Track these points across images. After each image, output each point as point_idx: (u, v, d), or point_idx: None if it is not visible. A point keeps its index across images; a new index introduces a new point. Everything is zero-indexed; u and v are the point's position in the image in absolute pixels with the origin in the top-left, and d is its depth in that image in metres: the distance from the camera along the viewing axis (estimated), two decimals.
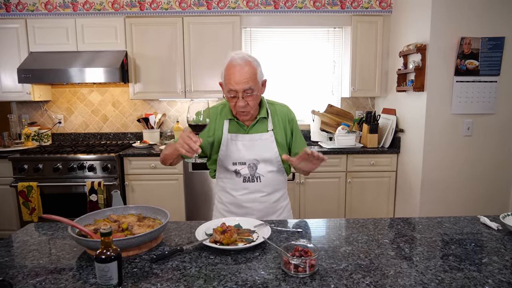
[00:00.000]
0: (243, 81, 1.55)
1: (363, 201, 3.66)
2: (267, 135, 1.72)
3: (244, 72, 1.56)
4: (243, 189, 1.73)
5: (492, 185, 3.19)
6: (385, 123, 3.73)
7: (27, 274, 1.15)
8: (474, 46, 2.97)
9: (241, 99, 1.58)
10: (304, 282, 1.07)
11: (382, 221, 1.60)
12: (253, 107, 1.63)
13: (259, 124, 1.73)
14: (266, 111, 1.74)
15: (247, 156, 1.70)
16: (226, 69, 1.60)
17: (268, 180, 1.72)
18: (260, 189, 1.72)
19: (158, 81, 3.77)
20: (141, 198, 3.56)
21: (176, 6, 3.75)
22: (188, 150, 1.41)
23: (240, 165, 1.71)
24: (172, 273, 1.13)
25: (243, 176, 1.71)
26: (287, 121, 1.78)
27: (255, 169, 1.71)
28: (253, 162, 1.70)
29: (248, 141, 1.71)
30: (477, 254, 1.26)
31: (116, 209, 1.52)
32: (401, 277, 1.10)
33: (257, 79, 1.60)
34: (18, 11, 3.72)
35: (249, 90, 1.57)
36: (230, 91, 1.59)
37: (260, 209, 1.73)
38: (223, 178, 1.77)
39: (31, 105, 4.17)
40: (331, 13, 3.81)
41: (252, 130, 1.72)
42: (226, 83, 1.61)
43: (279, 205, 1.80)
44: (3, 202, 3.58)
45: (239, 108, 1.61)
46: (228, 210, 1.78)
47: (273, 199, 1.76)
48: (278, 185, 1.78)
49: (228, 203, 1.77)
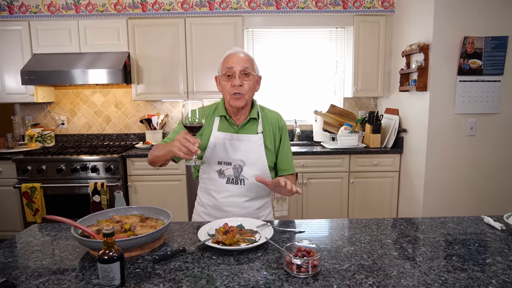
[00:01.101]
0: (242, 61, 1.61)
1: (366, 202, 3.65)
2: (256, 137, 1.69)
3: (243, 56, 1.64)
4: (226, 191, 1.68)
5: (495, 185, 3.17)
6: (388, 123, 3.72)
7: (30, 274, 1.15)
8: (477, 45, 2.95)
9: (238, 78, 1.60)
10: (307, 283, 1.06)
11: (385, 221, 1.59)
12: (248, 91, 1.63)
13: (249, 125, 1.71)
14: (257, 113, 1.73)
15: (233, 156, 1.67)
16: (225, 57, 1.67)
17: (252, 185, 1.68)
18: (243, 193, 1.69)
19: (161, 82, 3.77)
20: (143, 199, 3.57)
21: (178, 7, 3.76)
22: (187, 153, 1.37)
23: (225, 165, 1.67)
24: (175, 274, 1.13)
25: (227, 177, 1.68)
26: (277, 127, 1.76)
27: (240, 171, 1.67)
28: (239, 164, 1.67)
29: (236, 140, 1.68)
30: (481, 254, 1.25)
31: (118, 209, 1.52)
32: (404, 277, 1.09)
33: (254, 67, 1.66)
34: (21, 13, 3.74)
35: (246, 70, 1.61)
36: (227, 70, 1.61)
37: (241, 215, 1.66)
38: (205, 179, 1.73)
39: (34, 106, 4.18)
40: (333, 13, 3.80)
41: (241, 130, 1.70)
42: (224, 64, 1.64)
43: (261, 213, 1.76)
44: (7, 203, 3.60)
45: (234, 89, 1.60)
46: (207, 213, 1.74)
47: (255, 206, 1.72)
48: (262, 191, 1.73)
49: (209, 205, 1.73)
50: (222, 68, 1.65)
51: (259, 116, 1.74)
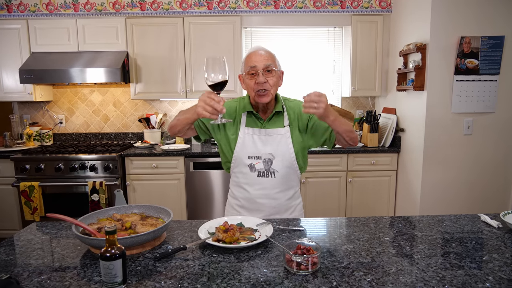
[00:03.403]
0: (264, 59, 1.64)
1: (364, 200, 3.67)
2: (283, 130, 1.73)
3: (265, 54, 1.67)
4: (257, 184, 1.72)
5: (492, 183, 3.20)
6: (386, 123, 3.74)
7: (32, 272, 1.16)
8: (474, 45, 2.98)
9: (261, 75, 1.62)
10: (307, 280, 1.08)
11: (383, 219, 1.61)
12: (272, 87, 1.65)
13: (275, 118, 1.75)
14: (282, 106, 1.76)
15: (262, 150, 1.71)
16: (247, 56, 1.69)
17: (282, 176, 1.72)
18: (274, 185, 1.72)
19: (159, 81, 3.78)
20: (142, 198, 3.57)
21: (177, 7, 3.76)
22: (213, 112, 1.37)
23: (255, 159, 1.71)
24: (176, 271, 1.14)
25: (258, 171, 1.71)
26: (301, 113, 1.77)
27: (270, 164, 1.71)
28: (268, 157, 1.71)
29: (264, 135, 1.72)
30: (478, 251, 1.27)
31: (119, 208, 1.53)
32: (402, 274, 1.11)
33: (276, 63, 1.69)
34: (19, 12, 3.73)
35: (269, 67, 1.63)
36: (251, 68, 1.63)
37: (273, 206, 1.74)
38: (237, 173, 1.77)
39: (32, 105, 4.18)
40: (331, 13, 3.82)
41: (268, 125, 1.74)
42: (246, 63, 1.67)
43: (292, 203, 1.81)
44: (5, 201, 3.59)
45: (259, 85, 1.62)
46: (241, 205, 1.78)
47: (286, 197, 1.77)
48: (292, 181, 1.78)
49: (242, 198, 1.77)
50: (245, 67, 1.67)
51: (283, 109, 1.77)
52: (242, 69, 1.71)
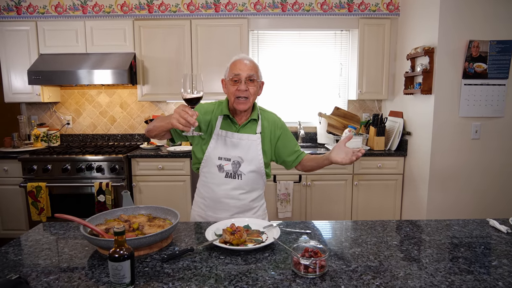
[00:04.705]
0: (248, 68, 1.72)
1: (370, 204, 3.65)
2: (254, 137, 1.81)
3: (249, 64, 1.74)
4: (224, 184, 1.78)
5: (500, 188, 3.17)
6: (392, 126, 3.72)
7: (40, 272, 1.17)
8: (483, 49, 2.96)
9: (244, 83, 1.70)
10: (314, 283, 1.07)
11: (391, 223, 1.60)
12: (252, 95, 1.74)
13: (249, 125, 1.83)
14: (257, 115, 1.85)
15: (232, 153, 1.78)
16: (232, 63, 1.77)
17: (248, 179, 1.79)
18: (240, 187, 1.79)
19: (166, 83, 3.79)
20: (148, 199, 3.58)
21: (184, 9, 3.78)
22: (185, 125, 1.45)
23: (225, 160, 1.78)
24: (184, 273, 1.14)
25: (226, 172, 1.78)
26: (276, 126, 1.89)
27: (238, 167, 1.78)
28: (237, 160, 1.77)
29: (237, 139, 1.79)
30: (487, 257, 1.26)
31: (126, 209, 1.54)
32: (411, 278, 1.10)
33: (258, 73, 1.77)
34: (28, 14, 3.77)
35: (252, 77, 1.71)
36: (234, 76, 1.71)
37: (237, 206, 1.80)
38: (206, 173, 1.82)
39: (40, 106, 4.21)
40: (338, 16, 3.82)
41: (242, 130, 1.81)
42: (231, 70, 1.75)
43: (255, 204, 1.87)
44: (13, 202, 3.62)
45: (240, 93, 1.70)
46: (206, 204, 1.83)
47: (250, 198, 1.83)
48: (257, 185, 1.85)
49: (208, 197, 1.82)
50: (229, 73, 1.76)
51: (259, 117, 1.85)
52: (226, 74, 1.80)
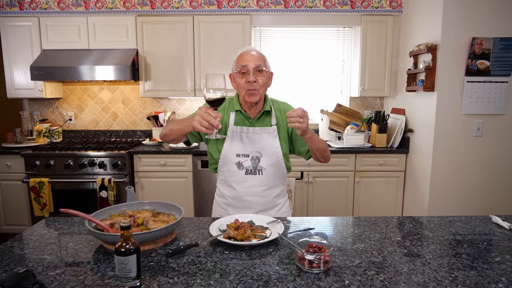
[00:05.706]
0: (255, 59, 1.68)
1: (371, 201, 3.66)
2: (270, 129, 1.77)
3: (256, 54, 1.71)
4: (245, 182, 1.75)
5: (502, 185, 3.17)
6: (394, 123, 3.72)
7: (46, 266, 1.18)
8: (486, 46, 2.95)
9: (252, 74, 1.66)
10: (319, 278, 1.08)
11: (394, 219, 1.61)
12: (261, 87, 1.69)
13: (263, 118, 1.78)
14: (270, 106, 1.80)
15: (250, 148, 1.74)
16: (239, 55, 1.73)
17: (269, 174, 1.75)
18: (262, 183, 1.75)
19: (168, 79, 3.79)
20: (150, 195, 3.59)
21: (187, 5, 3.78)
22: (208, 127, 1.41)
23: (243, 157, 1.74)
24: (189, 267, 1.15)
25: (246, 169, 1.74)
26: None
27: (258, 162, 1.74)
28: (256, 155, 1.74)
29: (252, 133, 1.75)
30: (490, 252, 1.27)
31: (131, 204, 1.55)
32: (414, 274, 1.11)
33: (266, 63, 1.73)
34: (31, 9, 3.77)
35: (260, 67, 1.67)
36: (242, 67, 1.67)
37: (260, 203, 1.76)
38: (224, 171, 1.79)
39: (42, 102, 4.22)
40: (341, 12, 3.81)
41: (256, 124, 1.77)
42: (238, 62, 1.71)
43: (279, 201, 1.83)
44: (15, 197, 3.63)
45: (249, 85, 1.66)
46: (228, 203, 1.80)
47: (273, 194, 1.79)
48: (279, 179, 1.81)
49: (229, 196, 1.79)
50: (236, 66, 1.72)
51: (271, 109, 1.80)
52: (233, 68, 1.75)
